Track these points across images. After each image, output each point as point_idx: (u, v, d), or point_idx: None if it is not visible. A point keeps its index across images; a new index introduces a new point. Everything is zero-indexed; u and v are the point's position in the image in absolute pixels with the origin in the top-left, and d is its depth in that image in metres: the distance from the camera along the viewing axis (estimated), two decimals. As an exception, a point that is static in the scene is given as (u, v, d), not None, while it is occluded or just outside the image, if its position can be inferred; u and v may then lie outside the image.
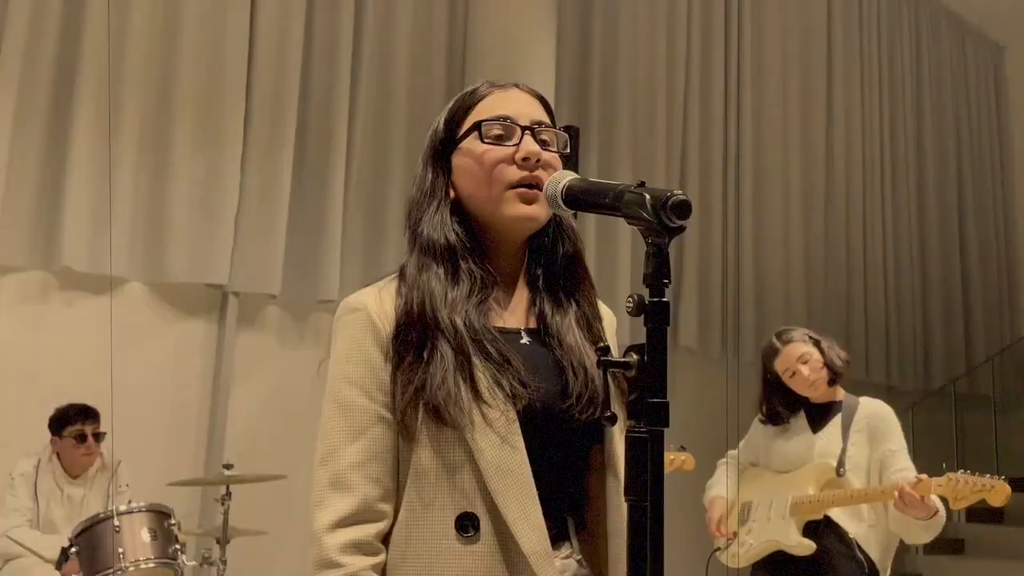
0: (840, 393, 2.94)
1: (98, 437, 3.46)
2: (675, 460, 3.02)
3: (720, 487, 3.05)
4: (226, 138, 4.26)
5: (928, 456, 2.70)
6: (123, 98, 4.02)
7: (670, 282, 0.97)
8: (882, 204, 7.36)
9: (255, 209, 4.34)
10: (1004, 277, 8.51)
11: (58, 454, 3.46)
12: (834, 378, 2.85)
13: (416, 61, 4.97)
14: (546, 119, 1.23)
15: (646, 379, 0.96)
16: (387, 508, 1.13)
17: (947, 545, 5.98)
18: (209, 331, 4.33)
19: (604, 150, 5.43)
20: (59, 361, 3.90)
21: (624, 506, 1.15)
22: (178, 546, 3.05)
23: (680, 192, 0.95)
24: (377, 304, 1.18)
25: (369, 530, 1.11)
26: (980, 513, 6.15)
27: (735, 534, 3.00)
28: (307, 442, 4.49)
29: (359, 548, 1.10)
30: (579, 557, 1.18)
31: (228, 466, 3.20)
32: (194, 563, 3.17)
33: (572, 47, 5.51)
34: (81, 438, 3.42)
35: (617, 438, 1.18)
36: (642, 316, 0.96)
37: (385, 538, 1.13)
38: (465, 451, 1.10)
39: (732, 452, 3.16)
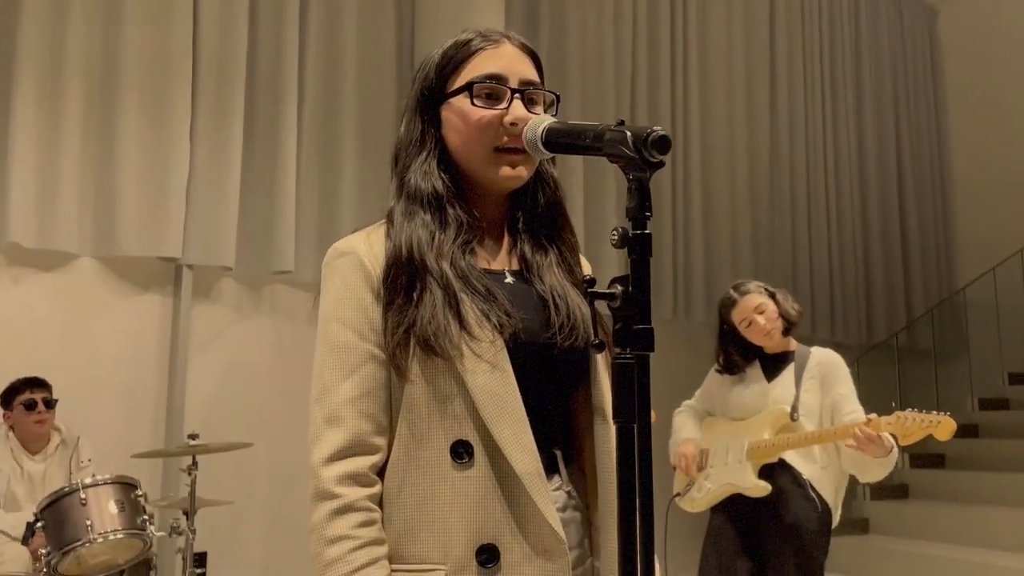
0: (793, 343, 3.05)
1: (49, 404, 3.43)
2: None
3: (687, 431, 3.15)
4: (174, 109, 4.19)
5: (873, 407, 2.81)
6: (67, 71, 3.93)
7: (651, 215, 1.01)
8: (824, 168, 7.54)
9: (206, 181, 4.28)
10: (941, 234, 8.80)
11: (12, 428, 3.42)
12: (788, 328, 2.96)
13: (364, 25, 4.93)
14: (536, 77, 1.25)
15: (631, 307, 1.01)
16: (381, 442, 1.16)
17: (892, 490, 6.23)
18: (164, 304, 4.29)
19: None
20: (11, 339, 3.83)
21: (612, 445, 1.21)
22: (146, 517, 3.05)
23: (660, 128, 1.00)
24: (367, 247, 1.21)
25: (363, 462, 1.14)
26: (923, 459, 6.42)
27: (692, 480, 3.10)
28: (268, 411, 4.55)
29: (354, 479, 1.13)
30: (568, 488, 1.22)
31: (194, 436, 3.19)
32: (162, 533, 3.17)
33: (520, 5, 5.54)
34: (30, 405, 3.39)
35: (603, 379, 1.23)
36: (626, 248, 1.00)
37: (380, 471, 1.16)
38: (456, 380, 1.14)
39: (687, 402, 3.26)
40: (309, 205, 4.64)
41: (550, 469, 1.19)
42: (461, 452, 1.14)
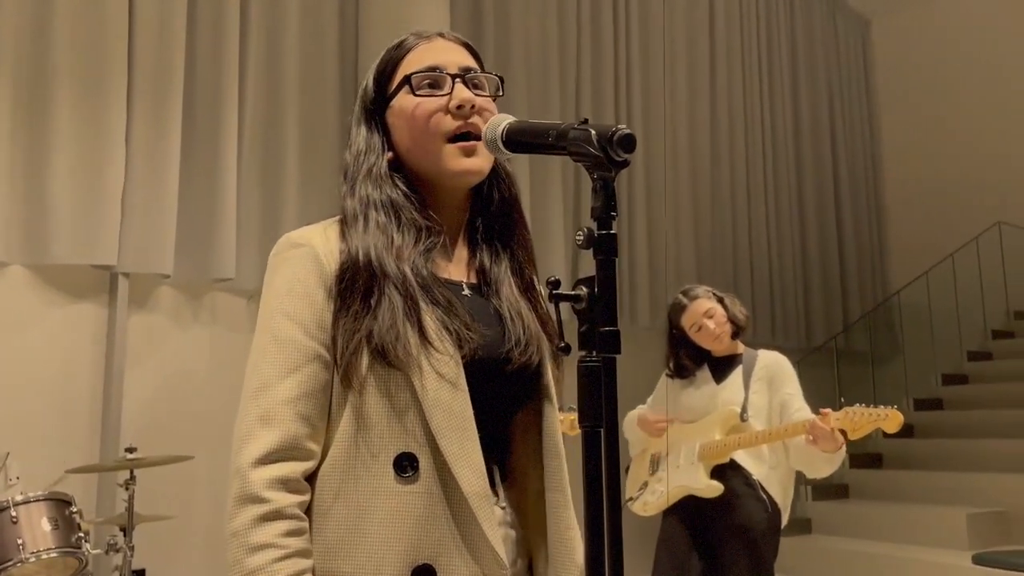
0: (740, 347, 3.09)
1: None
2: (565, 420, 3.07)
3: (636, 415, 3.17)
4: (109, 110, 4.05)
5: (814, 408, 2.87)
6: (-7, 69, 3.78)
7: (617, 215, 1.00)
8: (764, 175, 7.68)
9: (143, 185, 4.15)
10: (875, 240, 9.05)
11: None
12: (737, 331, 2.99)
13: (307, 27, 4.84)
14: (475, 65, 1.23)
15: (597, 309, 0.99)
16: (315, 448, 1.09)
17: (832, 490, 6.35)
18: (99, 314, 4.14)
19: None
20: (-66, 351, 3.66)
21: (557, 464, 1.21)
22: (81, 534, 2.92)
23: (624, 127, 0.98)
24: (323, 241, 1.15)
25: (296, 467, 1.07)
26: (862, 459, 6.56)
27: (645, 483, 3.11)
28: (208, 423, 4.43)
29: (285, 484, 1.05)
30: (504, 505, 1.19)
31: (131, 449, 3.08)
32: (99, 551, 3.05)
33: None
34: None
35: (550, 412, 1.22)
36: (591, 248, 0.98)
37: (311, 478, 1.10)
38: (410, 392, 1.09)
39: (640, 407, 3.26)
40: (250, 211, 4.54)
41: (489, 484, 1.16)
42: (405, 465, 1.08)
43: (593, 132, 0.99)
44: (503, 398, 1.19)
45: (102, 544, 3.13)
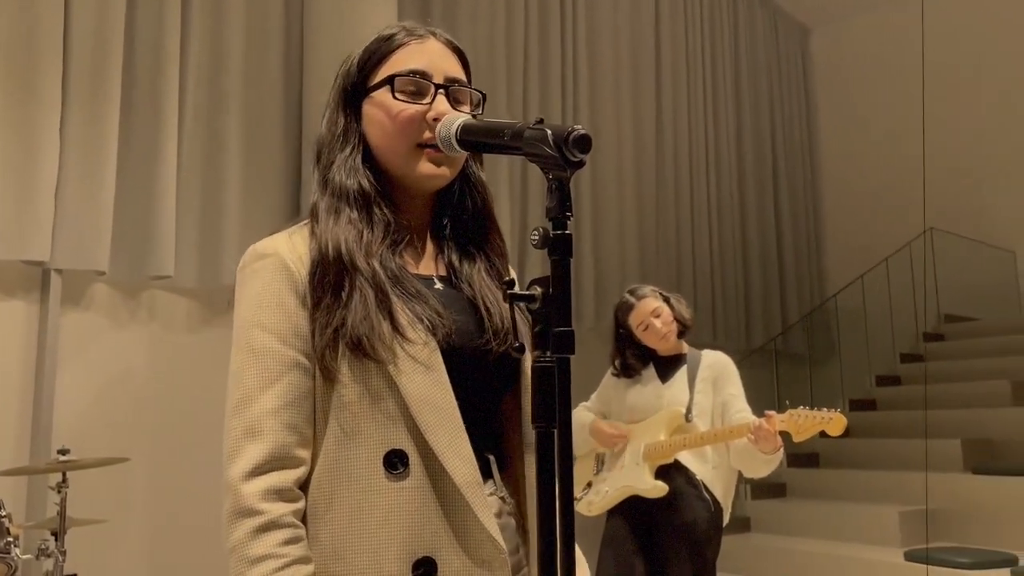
0: (685, 346, 3.12)
1: None
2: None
3: (588, 416, 3.16)
4: (42, 99, 3.91)
5: (754, 407, 2.92)
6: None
7: (572, 215, 1.00)
8: (706, 178, 7.79)
9: (78, 178, 4.01)
10: (813, 244, 9.26)
11: None
12: (683, 331, 3.02)
13: (251, 16, 4.74)
14: (461, 75, 1.23)
15: (551, 310, 0.98)
16: (304, 455, 1.10)
17: (771, 489, 6.47)
18: (29, 312, 4.00)
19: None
20: None
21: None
22: (11, 539, 2.82)
23: (580, 127, 0.98)
24: (289, 248, 1.15)
25: (287, 476, 1.07)
26: (799, 458, 6.70)
27: (589, 484, 3.12)
28: (145, 424, 4.31)
29: (278, 494, 1.06)
30: (503, 494, 1.20)
31: (64, 451, 2.98)
32: (29, 556, 2.95)
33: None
34: None
35: (527, 402, 1.21)
36: (546, 249, 0.98)
37: (303, 486, 1.10)
38: (388, 385, 1.09)
39: (583, 404, 3.28)
40: (191, 205, 4.43)
41: (484, 475, 1.16)
42: (395, 462, 1.08)
43: (549, 132, 0.99)
44: (488, 388, 1.20)
45: (32, 549, 3.02)
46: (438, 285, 1.21)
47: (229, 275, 4.43)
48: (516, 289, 1.02)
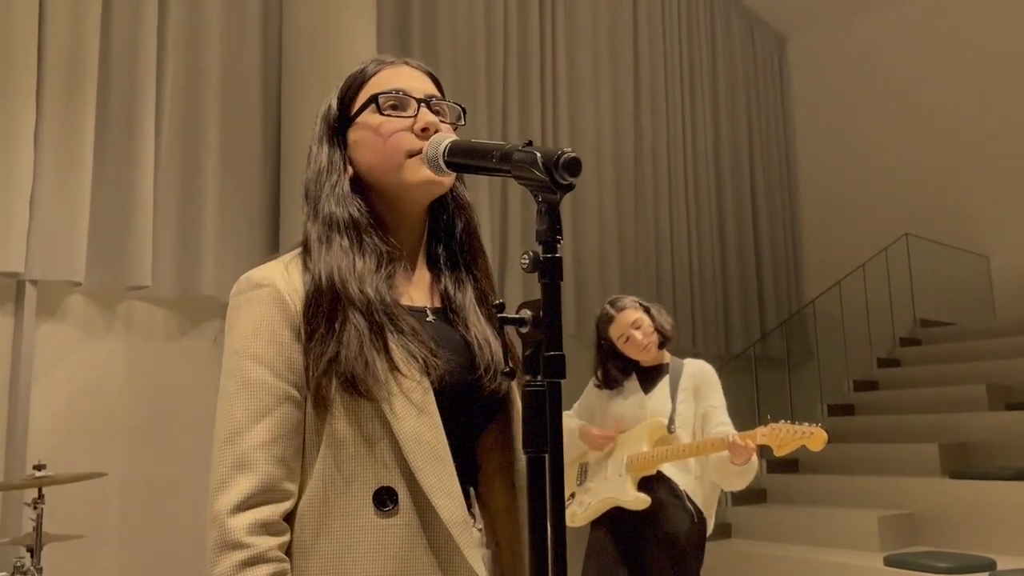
0: (667, 356, 3.13)
1: None
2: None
3: (574, 422, 3.16)
4: (17, 107, 3.86)
5: (733, 413, 2.93)
6: None
7: (562, 238, 0.99)
8: (685, 187, 7.84)
9: (53, 188, 3.96)
10: (790, 251, 9.34)
11: None
12: (663, 341, 3.02)
13: (229, 22, 4.71)
14: (438, 93, 1.25)
15: (542, 333, 0.97)
16: (292, 488, 1.09)
17: (751, 495, 6.49)
18: (4, 324, 3.94)
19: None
20: None
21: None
22: (-15, 557, 2.77)
23: (570, 150, 0.98)
24: (285, 280, 1.14)
25: (275, 510, 1.07)
26: (778, 465, 6.73)
27: (572, 494, 3.11)
28: (122, 438, 4.24)
29: (265, 528, 1.05)
30: (480, 527, 1.19)
31: (40, 466, 2.93)
32: (4, 573, 2.90)
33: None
34: None
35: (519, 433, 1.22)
36: (537, 272, 0.97)
37: (289, 517, 1.09)
38: (381, 423, 1.09)
39: (566, 412, 3.27)
40: (168, 215, 4.38)
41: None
42: (385, 499, 1.08)
43: (539, 155, 0.98)
44: (474, 423, 1.20)
45: (8, 566, 2.97)
46: (431, 318, 1.20)
47: (207, 285, 4.39)
48: (505, 313, 1.01)
